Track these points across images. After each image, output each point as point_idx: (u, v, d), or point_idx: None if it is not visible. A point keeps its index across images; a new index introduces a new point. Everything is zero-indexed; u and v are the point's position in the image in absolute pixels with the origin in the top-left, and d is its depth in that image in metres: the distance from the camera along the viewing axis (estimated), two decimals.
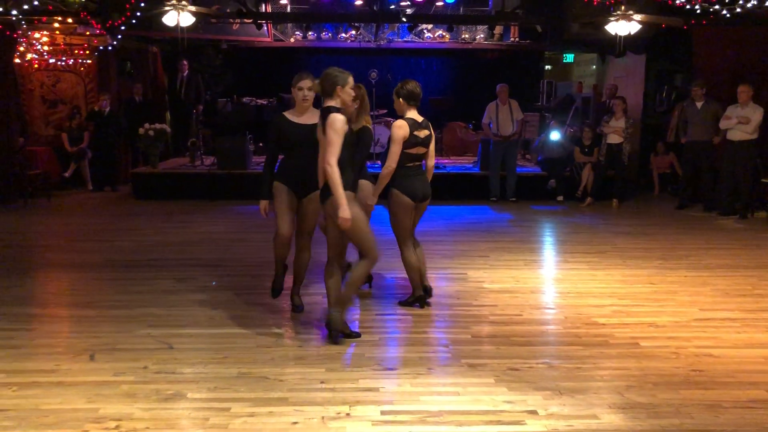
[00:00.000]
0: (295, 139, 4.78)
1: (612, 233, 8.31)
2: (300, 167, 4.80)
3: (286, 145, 4.85)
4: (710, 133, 9.64)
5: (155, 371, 3.99)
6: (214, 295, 5.58)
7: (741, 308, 5.30)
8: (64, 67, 11.91)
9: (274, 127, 4.90)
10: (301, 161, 4.78)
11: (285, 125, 4.83)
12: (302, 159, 4.77)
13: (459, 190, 10.89)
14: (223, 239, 7.85)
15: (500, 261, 6.82)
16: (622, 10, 9.54)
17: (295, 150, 4.82)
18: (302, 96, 4.77)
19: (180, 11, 9.39)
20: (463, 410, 3.52)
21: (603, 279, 6.16)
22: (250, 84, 14.07)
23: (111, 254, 7.04)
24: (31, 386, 3.78)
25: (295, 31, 14.04)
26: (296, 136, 4.78)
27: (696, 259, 6.93)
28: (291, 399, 3.63)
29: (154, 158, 11.22)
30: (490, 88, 11.09)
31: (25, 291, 5.78)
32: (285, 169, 4.92)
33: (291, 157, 4.88)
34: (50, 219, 9.26)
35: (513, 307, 5.32)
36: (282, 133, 4.83)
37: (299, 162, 4.80)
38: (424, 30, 13.96)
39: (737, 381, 3.93)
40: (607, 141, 10.26)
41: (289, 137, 4.80)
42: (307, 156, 4.66)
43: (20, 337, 4.58)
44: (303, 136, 4.73)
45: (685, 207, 9.96)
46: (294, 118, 4.84)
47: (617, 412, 3.50)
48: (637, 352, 4.37)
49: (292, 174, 4.87)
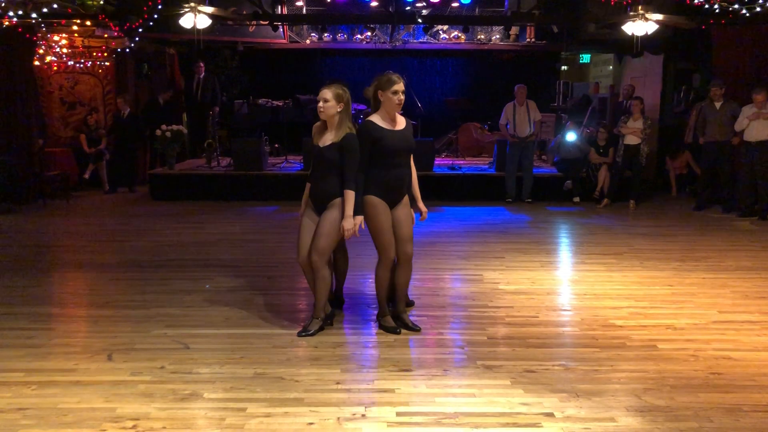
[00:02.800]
0: (393, 148, 4.56)
1: (629, 234, 8.25)
2: (397, 177, 4.63)
3: (384, 153, 4.56)
4: (729, 134, 9.55)
5: (172, 371, 4.01)
6: (230, 295, 5.60)
7: (761, 311, 5.23)
8: (83, 70, 12.04)
9: (366, 135, 4.54)
10: (398, 170, 4.63)
11: (379, 132, 4.54)
12: (399, 168, 4.65)
13: (474, 191, 10.86)
14: (239, 240, 7.89)
15: (516, 262, 6.80)
16: (639, 11, 9.47)
17: (393, 159, 4.59)
18: (398, 100, 4.54)
19: (196, 13, 9.46)
20: (478, 412, 3.51)
21: (620, 281, 6.12)
22: (265, 85, 14.14)
23: (128, 255, 7.09)
24: (50, 385, 3.81)
25: (310, 33, 14.08)
26: (394, 144, 4.56)
27: (714, 260, 6.85)
28: (306, 399, 3.63)
29: (171, 159, 11.30)
30: (505, 88, 11.07)
31: (44, 291, 5.84)
32: (378, 179, 4.59)
33: (386, 167, 4.60)
34: (68, 220, 9.35)
35: (529, 308, 5.30)
36: (377, 141, 4.53)
37: (397, 171, 4.63)
38: (439, 31, 13.95)
39: (757, 384, 3.88)
40: (624, 142, 10.18)
41: (387, 145, 4.54)
42: (403, 164, 4.64)
43: (39, 337, 4.62)
44: (401, 143, 4.59)
45: (703, 208, 9.87)
46: (386, 125, 4.58)
47: (635, 415, 3.47)
48: (655, 355, 4.33)
49: (387, 185, 4.60)
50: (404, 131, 4.65)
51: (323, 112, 4.59)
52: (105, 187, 11.65)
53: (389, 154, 4.54)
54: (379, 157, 4.54)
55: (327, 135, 4.63)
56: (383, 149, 4.52)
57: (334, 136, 4.57)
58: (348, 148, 4.51)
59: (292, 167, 11.53)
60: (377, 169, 4.56)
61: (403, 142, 4.61)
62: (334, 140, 4.55)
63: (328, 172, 4.59)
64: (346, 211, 4.51)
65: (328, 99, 4.56)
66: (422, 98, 13.15)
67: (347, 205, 4.51)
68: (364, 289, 5.76)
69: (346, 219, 4.50)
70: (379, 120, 4.58)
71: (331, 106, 4.56)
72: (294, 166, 11.56)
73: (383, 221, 4.58)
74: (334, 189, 4.59)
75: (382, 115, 4.60)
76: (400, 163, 4.64)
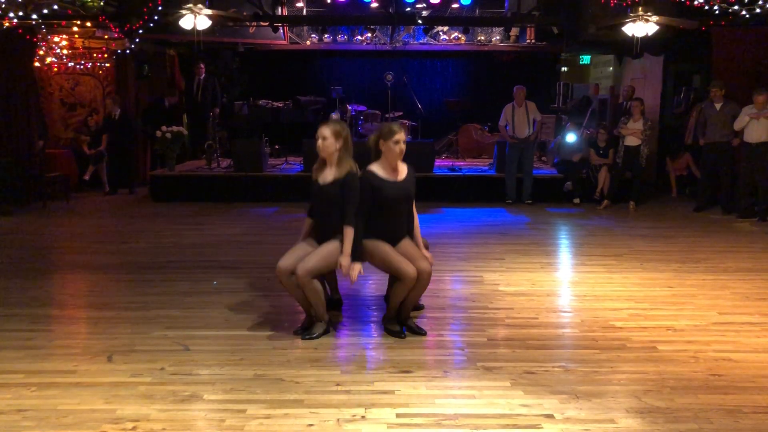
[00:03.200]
0: (392, 198, 4.58)
1: (629, 236, 8.25)
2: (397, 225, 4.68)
3: (383, 204, 4.58)
4: (729, 135, 9.55)
5: (172, 373, 4.01)
6: (230, 297, 5.60)
7: (761, 312, 5.23)
8: (83, 71, 12.05)
9: (366, 185, 4.54)
10: (398, 219, 4.68)
11: (379, 183, 4.55)
12: (400, 217, 4.67)
13: (474, 192, 10.86)
14: (240, 241, 7.89)
15: (516, 263, 6.79)
16: (639, 12, 9.47)
17: (392, 209, 4.63)
18: (399, 149, 4.56)
19: (197, 15, 9.47)
20: (478, 413, 3.51)
21: (620, 282, 6.11)
22: (266, 86, 14.15)
23: (128, 256, 7.09)
24: (50, 387, 3.81)
25: (310, 34, 14.10)
26: (394, 194, 4.58)
27: (715, 262, 6.85)
28: (306, 401, 3.64)
29: (171, 161, 11.30)
30: (505, 89, 11.06)
31: (44, 292, 5.83)
32: (377, 228, 4.63)
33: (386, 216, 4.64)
34: (68, 221, 9.35)
35: (529, 310, 5.30)
36: (376, 191, 4.54)
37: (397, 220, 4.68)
38: (439, 32, 13.96)
39: (757, 386, 3.88)
40: (624, 143, 10.18)
41: (386, 196, 4.56)
42: (403, 213, 4.66)
43: (39, 338, 4.62)
44: (401, 193, 4.60)
45: (703, 209, 9.87)
46: (387, 175, 4.59)
47: (635, 417, 3.47)
48: (655, 356, 4.33)
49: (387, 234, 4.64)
50: (405, 181, 4.65)
51: (323, 150, 4.58)
52: (105, 189, 11.65)
53: (389, 204, 4.57)
54: (379, 207, 4.55)
55: (327, 172, 4.62)
56: (383, 200, 4.54)
57: (335, 173, 4.56)
58: (349, 186, 4.52)
59: (293, 168, 11.54)
60: (377, 218, 4.58)
61: (402, 193, 4.62)
62: (336, 177, 4.55)
63: (331, 210, 4.58)
64: (345, 248, 4.53)
65: (327, 136, 4.54)
66: (422, 99, 13.17)
67: (346, 242, 4.53)
68: (364, 291, 5.76)
69: (344, 256, 4.51)
70: (379, 170, 4.59)
71: (330, 143, 4.54)
72: (294, 168, 11.56)
73: (387, 249, 4.55)
74: (339, 226, 4.57)
75: (383, 165, 4.61)
76: (401, 212, 4.67)
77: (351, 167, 4.57)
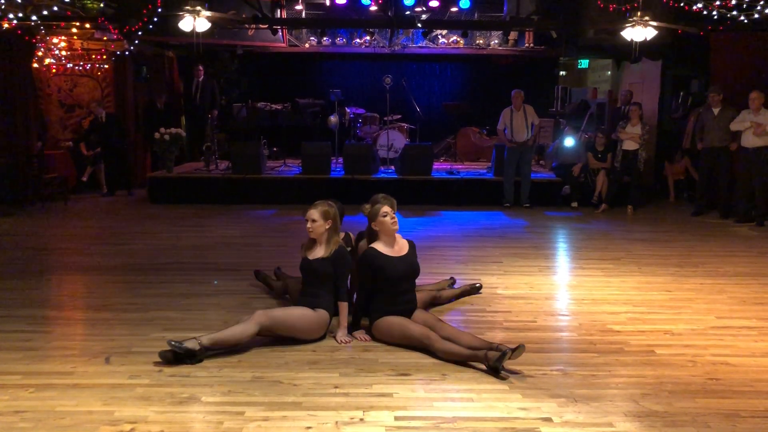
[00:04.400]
0: (397, 275, 4.57)
1: (627, 240, 8.26)
2: (404, 303, 4.63)
3: (388, 281, 4.56)
4: (727, 140, 9.57)
5: (170, 374, 4.01)
6: (228, 299, 5.59)
7: (758, 316, 5.24)
8: (82, 72, 12.04)
9: (367, 265, 4.58)
10: (405, 296, 4.65)
11: (381, 261, 4.55)
12: (406, 293, 4.66)
13: (473, 195, 10.86)
14: (238, 243, 7.88)
15: (514, 267, 6.80)
16: (637, 17, 9.50)
17: (398, 286, 4.60)
18: (391, 220, 4.59)
19: (196, 17, 9.47)
20: (477, 417, 3.51)
21: (618, 286, 6.12)
22: (264, 89, 14.16)
23: (126, 257, 7.09)
24: (48, 388, 3.81)
25: (309, 37, 14.12)
26: (398, 270, 4.57)
27: (712, 266, 6.87)
28: (305, 403, 3.63)
29: (170, 162, 11.29)
30: (504, 93, 11.08)
31: (42, 293, 5.83)
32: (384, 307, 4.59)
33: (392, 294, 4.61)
34: (67, 222, 9.34)
35: (527, 313, 5.30)
36: (379, 270, 4.54)
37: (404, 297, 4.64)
38: (438, 35, 13.99)
39: (755, 390, 3.88)
40: (622, 147, 10.20)
41: (391, 274, 4.54)
42: (409, 290, 4.67)
43: (36, 340, 4.61)
44: (405, 268, 4.60)
45: (701, 214, 9.89)
46: (388, 251, 4.60)
47: (632, 420, 3.47)
48: (652, 360, 4.33)
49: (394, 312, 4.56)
50: (407, 256, 4.67)
51: (312, 232, 4.66)
52: (103, 190, 11.64)
53: (394, 281, 4.56)
54: (384, 285, 4.56)
55: (317, 249, 4.70)
56: (387, 278, 4.54)
57: (324, 251, 4.64)
58: (339, 263, 4.60)
59: (291, 171, 11.54)
60: (383, 295, 4.59)
61: (406, 267, 4.63)
62: (325, 255, 4.61)
63: (321, 287, 4.62)
64: (342, 322, 4.62)
65: (316, 219, 4.63)
66: (421, 102, 13.17)
67: (342, 317, 4.60)
68: None
69: (341, 330, 4.59)
70: (381, 246, 4.61)
71: (319, 225, 4.64)
72: (292, 170, 11.57)
73: (402, 321, 4.48)
74: (329, 305, 4.60)
75: (384, 241, 4.64)
76: (407, 289, 4.67)
77: (340, 243, 4.68)
